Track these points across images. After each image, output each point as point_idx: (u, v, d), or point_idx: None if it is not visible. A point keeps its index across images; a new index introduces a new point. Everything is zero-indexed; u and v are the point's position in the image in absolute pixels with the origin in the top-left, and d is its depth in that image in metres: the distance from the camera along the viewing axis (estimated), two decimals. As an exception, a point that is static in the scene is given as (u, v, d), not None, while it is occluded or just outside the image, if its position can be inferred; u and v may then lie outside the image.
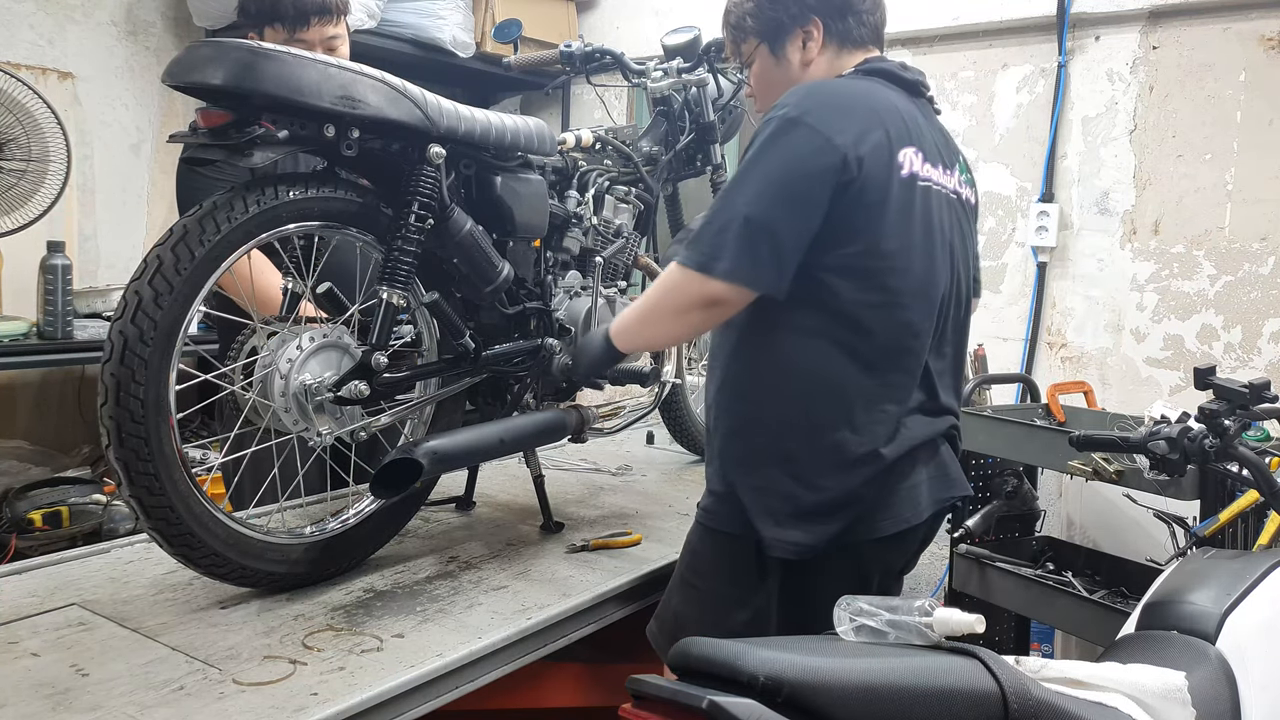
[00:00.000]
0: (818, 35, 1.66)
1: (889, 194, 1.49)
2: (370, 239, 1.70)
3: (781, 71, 1.70)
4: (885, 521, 1.54)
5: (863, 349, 1.51)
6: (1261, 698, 1.27)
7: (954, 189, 1.65)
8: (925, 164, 1.56)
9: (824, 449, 1.51)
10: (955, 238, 1.63)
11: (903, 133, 1.53)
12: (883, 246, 1.49)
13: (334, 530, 1.73)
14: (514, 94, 4.59)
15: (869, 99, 1.55)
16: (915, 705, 1.03)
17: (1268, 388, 1.63)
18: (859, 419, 1.51)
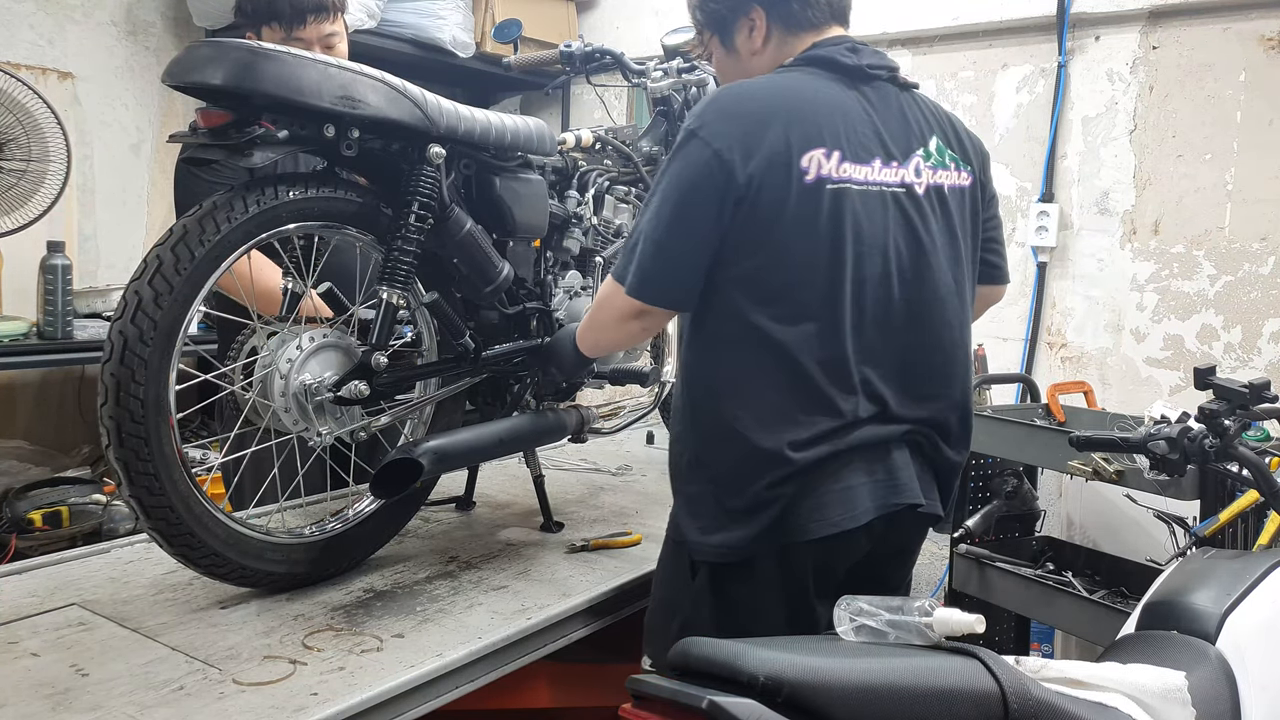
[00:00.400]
0: (761, 23, 1.62)
1: (787, 204, 1.45)
2: (370, 239, 1.70)
3: (734, 63, 1.67)
4: (814, 524, 1.47)
5: (771, 360, 1.48)
6: (1261, 698, 1.27)
7: (897, 183, 1.54)
8: (845, 164, 1.48)
9: (740, 456, 1.49)
10: (902, 240, 1.53)
11: (813, 134, 1.47)
12: (784, 258, 1.47)
13: (334, 530, 1.73)
14: (514, 94, 4.59)
15: (776, 101, 1.50)
16: (915, 705, 1.03)
17: (1268, 388, 1.63)
18: (773, 426, 1.47)
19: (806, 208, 1.46)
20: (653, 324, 1.61)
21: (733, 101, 1.51)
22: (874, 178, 1.52)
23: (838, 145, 1.48)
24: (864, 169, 1.51)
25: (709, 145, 1.46)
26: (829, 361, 1.48)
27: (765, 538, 1.49)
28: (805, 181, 1.46)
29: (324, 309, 1.72)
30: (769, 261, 1.47)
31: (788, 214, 1.46)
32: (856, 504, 1.50)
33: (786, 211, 1.46)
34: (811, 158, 1.46)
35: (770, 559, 1.50)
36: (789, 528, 1.48)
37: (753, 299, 1.48)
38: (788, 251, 1.47)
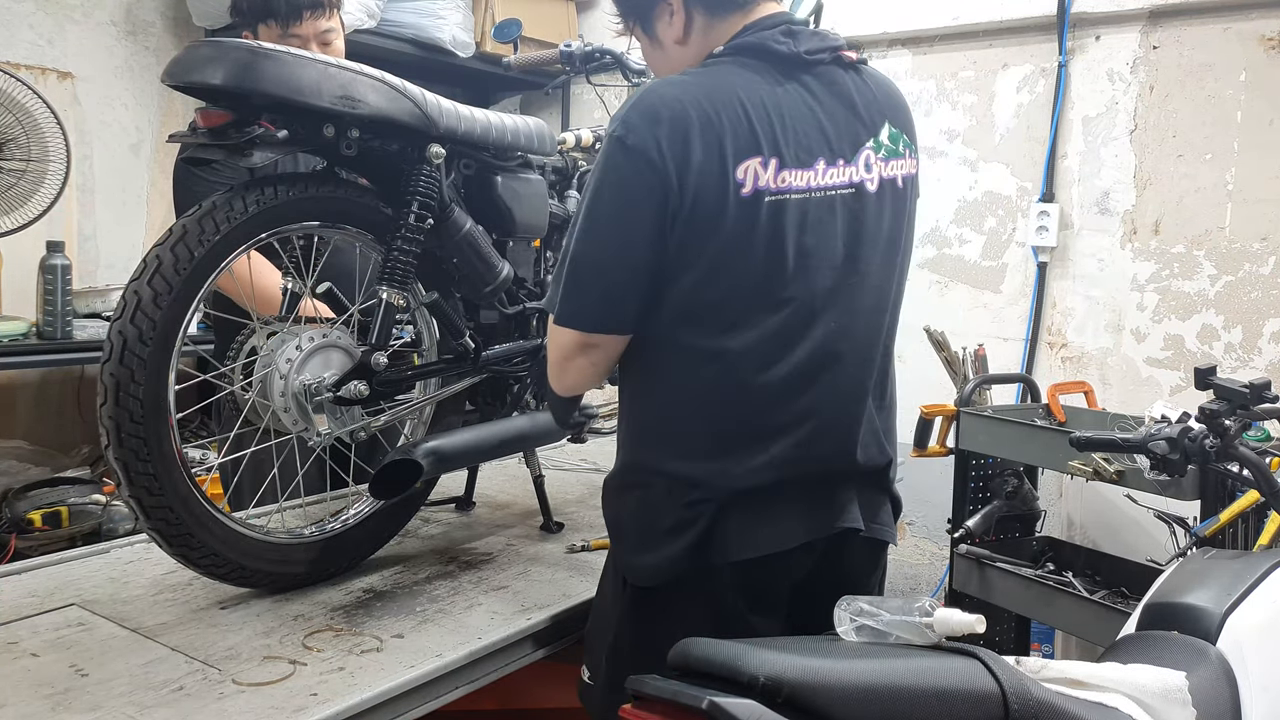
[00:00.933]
0: (679, 9, 1.46)
1: (723, 219, 1.34)
2: (370, 239, 1.69)
3: (660, 54, 1.54)
4: (738, 546, 1.39)
5: (706, 383, 1.40)
6: (1262, 698, 1.27)
7: (844, 184, 1.41)
8: (784, 171, 1.36)
9: (669, 479, 1.42)
10: (855, 246, 1.42)
11: (747, 142, 1.34)
12: (720, 276, 1.36)
13: (334, 530, 1.73)
14: (514, 94, 4.59)
15: (706, 104, 1.35)
16: (915, 706, 1.03)
17: (1268, 388, 1.63)
18: (703, 451, 1.40)
19: (744, 222, 1.34)
20: (601, 356, 1.43)
21: (660, 103, 1.35)
22: (818, 182, 1.39)
23: (775, 152, 1.35)
24: (806, 174, 1.38)
25: (640, 151, 1.33)
26: (770, 386, 1.39)
27: (687, 559, 1.41)
28: (742, 195, 1.34)
29: (324, 310, 1.72)
30: (704, 279, 1.36)
31: (724, 229, 1.34)
32: (787, 527, 1.42)
33: (723, 227, 1.34)
34: (747, 168, 1.34)
35: (695, 580, 1.42)
36: (713, 549, 1.40)
37: (686, 318, 1.38)
38: (725, 269, 1.36)
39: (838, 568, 1.49)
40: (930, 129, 3.44)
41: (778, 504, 1.42)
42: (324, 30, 2.11)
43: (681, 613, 1.42)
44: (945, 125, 3.42)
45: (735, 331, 1.38)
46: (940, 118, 3.43)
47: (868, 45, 3.57)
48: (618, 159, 1.35)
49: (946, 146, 3.42)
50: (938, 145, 3.42)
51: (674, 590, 1.44)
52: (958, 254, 3.41)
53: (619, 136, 1.36)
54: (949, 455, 2.78)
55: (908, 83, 3.49)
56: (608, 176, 1.37)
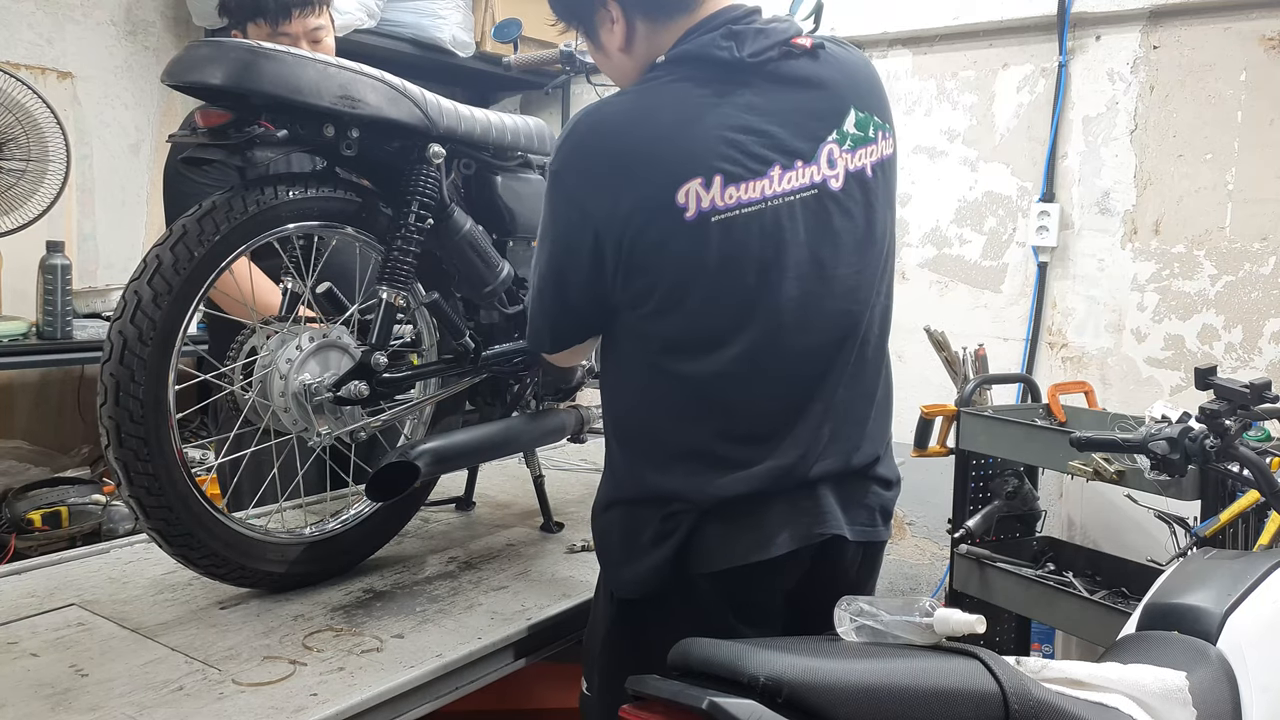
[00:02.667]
0: (618, 16, 1.41)
1: (669, 246, 1.32)
2: (370, 239, 1.69)
3: (606, 61, 1.50)
4: (720, 556, 1.38)
5: (678, 401, 1.40)
6: (1262, 698, 1.27)
7: (806, 185, 1.36)
8: (730, 187, 1.31)
9: (646, 493, 1.43)
10: (821, 249, 1.38)
11: (686, 164, 1.31)
12: (679, 301, 1.35)
13: (334, 530, 1.73)
14: (514, 94, 4.59)
15: (640, 132, 1.33)
16: (916, 706, 1.03)
17: (1268, 388, 1.63)
18: (680, 467, 1.39)
19: (693, 246, 1.32)
20: (583, 354, 1.63)
21: (592, 137, 1.36)
22: (773, 190, 1.33)
23: (717, 170, 1.31)
24: (760, 183, 1.33)
25: (574, 197, 1.37)
26: (746, 401, 1.38)
27: (667, 570, 1.40)
28: (686, 219, 1.30)
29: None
30: (664, 305, 1.36)
31: (673, 256, 1.33)
32: (769, 536, 1.38)
33: (671, 254, 1.33)
34: (688, 191, 1.30)
35: (678, 592, 1.41)
36: (693, 559, 1.39)
37: (654, 342, 1.39)
38: (683, 293, 1.34)
39: (832, 574, 1.46)
40: (930, 129, 3.44)
41: (759, 512, 1.39)
42: (314, 28, 2.10)
43: (666, 625, 1.36)
44: (945, 125, 3.42)
45: (705, 353, 1.37)
46: (940, 118, 3.43)
47: (868, 45, 3.56)
48: (554, 199, 1.41)
49: (946, 146, 3.41)
50: (938, 145, 3.42)
51: (658, 603, 1.43)
52: (958, 254, 3.41)
53: (556, 171, 1.40)
54: (949, 455, 2.78)
55: (908, 83, 3.49)
56: (549, 218, 1.42)
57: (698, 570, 1.40)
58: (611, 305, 1.41)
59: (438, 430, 1.86)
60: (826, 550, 1.44)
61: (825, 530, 1.42)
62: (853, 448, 1.45)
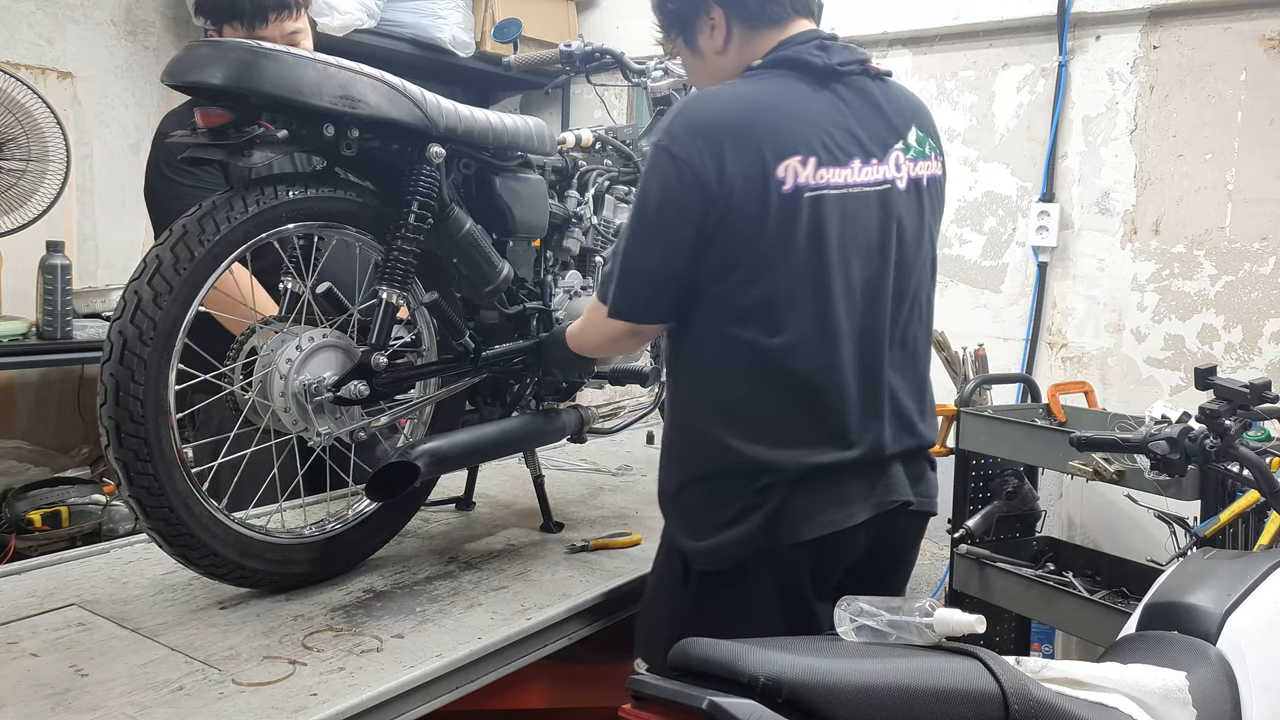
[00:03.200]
0: (720, 22, 1.58)
1: (766, 216, 1.43)
2: (370, 239, 1.69)
3: (700, 64, 1.65)
4: (805, 526, 1.47)
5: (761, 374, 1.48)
6: (1262, 698, 1.27)
7: (879, 180, 1.52)
8: (821, 169, 1.46)
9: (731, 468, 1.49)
10: (889, 238, 1.52)
11: (786, 143, 1.44)
12: (766, 271, 1.45)
13: (334, 530, 1.73)
14: (514, 94, 4.59)
15: (746, 112, 1.47)
16: (916, 706, 1.03)
17: (1268, 388, 1.63)
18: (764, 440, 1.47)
19: (786, 218, 1.44)
20: (645, 337, 1.64)
21: (701, 114, 1.49)
22: (854, 179, 1.49)
23: (813, 151, 1.45)
24: (843, 171, 1.48)
25: (682, 160, 1.45)
26: (822, 373, 1.47)
27: (755, 541, 1.47)
28: (783, 192, 1.43)
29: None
30: (751, 275, 1.46)
31: (768, 226, 1.44)
32: (850, 504, 1.49)
33: (766, 223, 1.44)
34: (787, 166, 1.44)
35: (762, 563, 1.49)
36: (779, 531, 1.47)
37: (738, 314, 1.47)
38: (770, 264, 1.45)
39: (886, 545, 1.58)
40: (930, 129, 3.43)
41: (842, 482, 1.49)
42: (290, 32, 2.06)
43: (750, 597, 1.49)
44: (945, 125, 3.42)
45: (784, 323, 1.46)
46: (940, 118, 3.41)
47: (868, 45, 3.56)
48: (664, 168, 1.46)
49: (946, 146, 3.38)
50: (938, 145, 3.42)
51: (741, 574, 1.50)
52: (958, 254, 3.41)
53: (664, 146, 1.47)
54: (949, 455, 2.78)
55: (907, 83, 3.46)
56: (654, 184, 1.48)
57: (786, 541, 1.47)
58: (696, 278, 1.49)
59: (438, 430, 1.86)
60: (886, 521, 1.54)
61: (896, 498, 1.54)
62: (916, 421, 1.58)
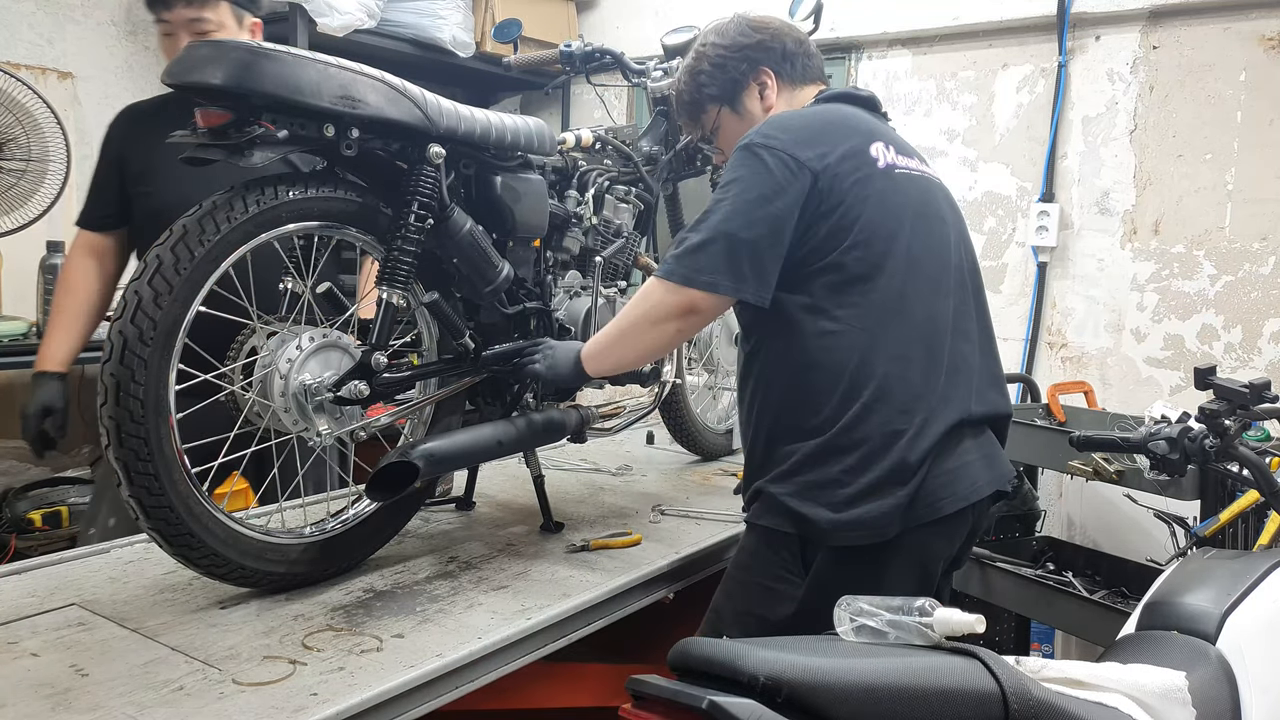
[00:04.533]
0: (772, 83, 1.78)
1: (870, 187, 1.58)
2: (370, 239, 1.69)
3: (745, 123, 1.76)
4: (945, 500, 1.54)
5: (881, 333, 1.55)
6: (1262, 698, 1.27)
7: (934, 174, 1.74)
8: (899, 155, 1.66)
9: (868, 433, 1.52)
10: (953, 217, 1.71)
11: (868, 133, 1.64)
12: (874, 236, 1.56)
13: (334, 530, 1.73)
14: (514, 94, 4.59)
15: (830, 115, 1.67)
16: (915, 705, 1.03)
17: (1268, 388, 1.63)
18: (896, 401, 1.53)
19: (886, 188, 1.59)
20: (695, 324, 1.63)
21: (791, 121, 1.63)
22: (919, 169, 1.70)
23: (889, 142, 1.66)
24: (912, 161, 1.69)
25: (785, 152, 1.56)
26: (937, 326, 1.58)
27: (902, 516, 1.51)
28: (879, 166, 1.61)
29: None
30: (864, 238, 1.55)
31: (873, 195, 1.57)
32: (977, 477, 1.57)
33: (871, 193, 1.57)
34: (877, 147, 1.62)
35: (909, 537, 1.53)
36: (923, 504, 1.52)
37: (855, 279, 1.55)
38: (879, 228, 1.56)
39: (976, 524, 1.65)
40: (930, 129, 3.44)
41: (963, 457, 1.57)
42: (193, 20, 2.00)
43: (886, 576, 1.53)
44: (945, 125, 3.42)
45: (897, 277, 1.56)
46: (940, 118, 3.43)
47: (868, 45, 3.57)
48: (760, 157, 1.57)
49: (946, 146, 3.42)
50: (938, 145, 3.42)
51: (881, 552, 1.53)
52: (958, 254, 3.41)
53: (760, 143, 1.58)
54: (949, 455, 2.77)
55: (908, 83, 3.49)
56: (750, 171, 1.57)
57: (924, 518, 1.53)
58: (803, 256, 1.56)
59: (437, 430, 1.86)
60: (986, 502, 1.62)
61: (1004, 476, 1.64)
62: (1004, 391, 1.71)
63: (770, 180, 1.55)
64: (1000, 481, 1.63)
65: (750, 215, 1.54)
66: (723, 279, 1.54)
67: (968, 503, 1.56)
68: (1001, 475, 1.63)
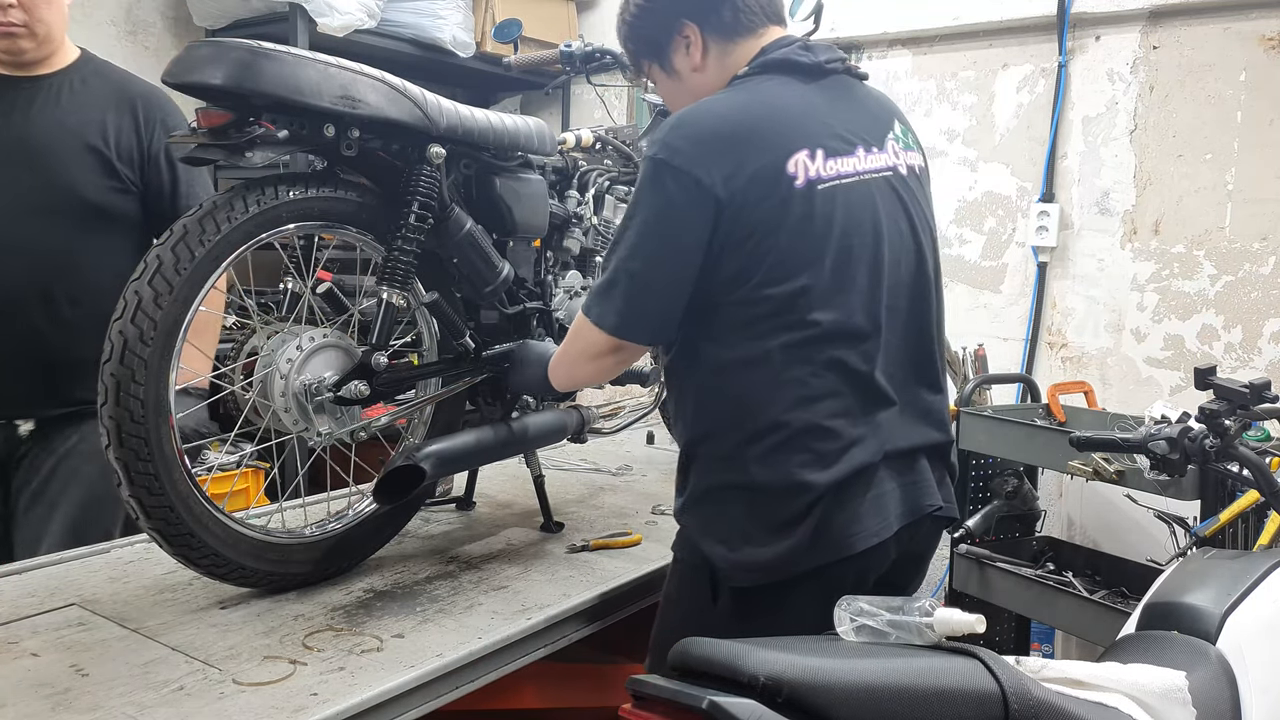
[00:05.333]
0: (696, 38, 1.58)
1: (784, 213, 1.42)
2: (370, 239, 1.70)
3: (678, 84, 1.64)
4: (853, 537, 1.43)
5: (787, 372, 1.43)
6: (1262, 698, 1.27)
7: (884, 167, 1.53)
8: (829, 160, 1.45)
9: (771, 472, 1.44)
10: (901, 223, 1.53)
11: (791, 139, 1.44)
12: (790, 268, 1.42)
13: (334, 530, 1.73)
14: (514, 94, 4.58)
15: (745, 116, 1.46)
16: (916, 705, 1.03)
17: (1268, 388, 1.63)
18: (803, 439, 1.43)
19: (803, 213, 1.42)
20: (629, 358, 1.55)
21: (699, 124, 1.45)
22: (861, 167, 1.49)
23: (819, 144, 1.45)
24: (850, 160, 1.48)
25: (685, 172, 1.41)
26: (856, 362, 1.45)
27: (803, 556, 1.42)
28: (796, 187, 1.42)
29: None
30: (773, 275, 1.42)
31: (787, 224, 1.42)
32: (888, 511, 1.46)
33: (785, 221, 1.42)
34: (797, 162, 1.43)
35: (809, 578, 1.43)
36: (827, 543, 1.42)
37: (764, 315, 1.43)
38: (794, 260, 1.42)
39: (912, 550, 1.55)
40: (930, 129, 3.44)
41: (877, 489, 1.46)
42: None
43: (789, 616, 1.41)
44: (945, 125, 3.42)
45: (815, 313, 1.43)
46: (940, 118, 3.43)
47: (868, 45, 3.57)
48: (665, 181, 1.43)
49: (946, 146, 3.42)
50: (938, 145, 3.42)
51: (781, 592, 1.44)
52: (958, 254, 3.41)
53: (662, 160, 1.43)
54: (949, 455, 2.78)
55: (908, 83, 3.49)
56: (654, 199, 1.44)
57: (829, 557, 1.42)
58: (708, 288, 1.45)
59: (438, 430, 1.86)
60: (917, 525, 1.52)
61: (927, 503, 1.52)
62: (939, 419, 1.57)
63: (672, 211, 1.42)
64: (918, 511, 1.50)
65: (650, 250, 1.44)
66: (625, 324, 1.47)
67: (880, 539, 1.44)
68: (920, 505, 1.50)
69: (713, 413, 1.51)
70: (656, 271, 1.45)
